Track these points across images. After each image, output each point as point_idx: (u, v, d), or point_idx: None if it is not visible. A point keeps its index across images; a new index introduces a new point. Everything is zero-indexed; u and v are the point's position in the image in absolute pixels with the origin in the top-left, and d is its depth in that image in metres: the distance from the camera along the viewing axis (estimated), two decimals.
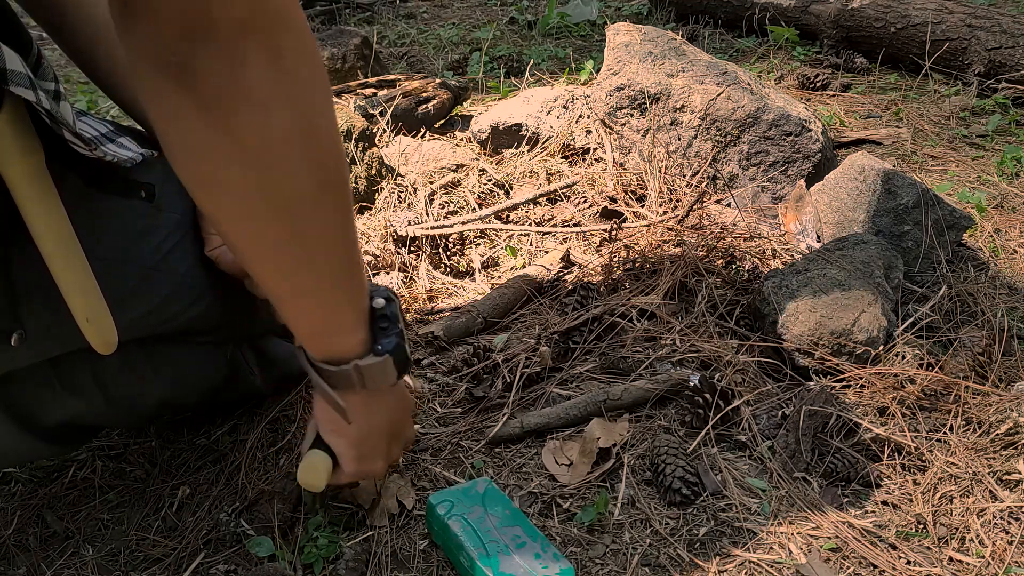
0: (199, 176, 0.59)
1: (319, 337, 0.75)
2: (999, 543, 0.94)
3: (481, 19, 3.80)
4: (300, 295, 0.69)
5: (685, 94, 1.82)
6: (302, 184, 0.60)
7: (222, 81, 0.53)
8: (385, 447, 0.88)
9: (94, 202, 0.80)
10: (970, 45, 2.48)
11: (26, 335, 0.77)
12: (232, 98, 0.54)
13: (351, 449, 0.86)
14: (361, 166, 1.76)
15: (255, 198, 0.59)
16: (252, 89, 0.54)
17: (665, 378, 1.19)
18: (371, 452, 0.87)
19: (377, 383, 0.78)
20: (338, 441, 0.86)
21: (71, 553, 1.00)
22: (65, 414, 0.93)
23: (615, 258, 1.53)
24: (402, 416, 0.91)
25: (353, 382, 0.76)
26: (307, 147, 0.59)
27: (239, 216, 0.61)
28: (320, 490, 0.89)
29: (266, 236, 0.62)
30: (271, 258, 0.65)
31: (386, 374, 0.78)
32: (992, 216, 1.73)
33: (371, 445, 0.87)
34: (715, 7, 3.33)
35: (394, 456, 0.92)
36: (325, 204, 0.63)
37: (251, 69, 0.53)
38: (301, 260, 0.65)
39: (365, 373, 0.76)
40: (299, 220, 0.62)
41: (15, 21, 0.69)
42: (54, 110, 0.67)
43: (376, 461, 0.89)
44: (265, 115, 0.55)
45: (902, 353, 1.19)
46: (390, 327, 0.77)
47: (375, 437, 0.86)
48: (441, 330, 1.36)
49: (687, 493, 1.00)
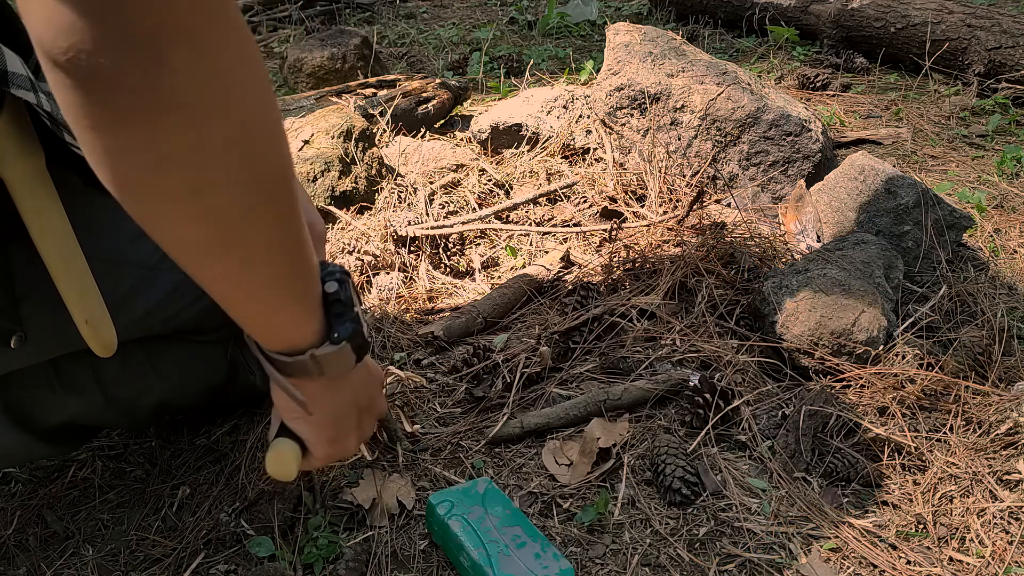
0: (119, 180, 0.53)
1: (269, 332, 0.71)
2: (999, 543, 0.94)
3: (481, 19, 3.80)
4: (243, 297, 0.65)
5: (685, 94, 1.82)
6: (235, 191, 0.55)
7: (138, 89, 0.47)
8: (355, 424, 0.85)
9: (94, 202, 0.79)
10: (970, 45, 2.48)
11: (26, 337, 0.77)
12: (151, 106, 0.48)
13: (319, 433, 0.82)
14: (361, 166, 1.76)
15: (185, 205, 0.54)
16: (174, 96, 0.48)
17: (665, 378, 1.19)
18: (340, 433, 0.83)
19: (336, 370, 0.74)
20: (304, 428, 0.82)
21: (71, 553, 1.00)
22: (65, 414, 0.93)
23: (615, 258, 1.53)
24: (369, 391, 0.87)
25: (311, 371, 0.73)
26: (242, 156, 0.54)
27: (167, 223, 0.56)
28: (291, 479, 0.84)
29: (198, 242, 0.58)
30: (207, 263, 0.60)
31: (344, 360, 0.74)
32: (992, 216, 1.73)
33: (338, 427, 0.83)
34: (715, 7, 3.33)
35: (366, 431, 0.88)
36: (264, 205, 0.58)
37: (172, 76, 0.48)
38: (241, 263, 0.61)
39: (323, 362, 0.72)
40: (234, 227, 0.57)
41: (15, 22, 0.69)
42: (55, 112, 0.67)
43: (348, 440, 0.85)
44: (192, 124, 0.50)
45: (902, 353, 1.19)
46: (345, 312, 0.73)
47: (341, 418, 0.83)
48: (441, 330, 1.36)
49: (687, 493, 1.00)
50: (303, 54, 2.63)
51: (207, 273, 0.61)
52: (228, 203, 0.55)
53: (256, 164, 0.56)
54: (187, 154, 0.51)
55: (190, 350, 0.99)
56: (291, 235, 0.63)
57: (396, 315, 1.45)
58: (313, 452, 0.83)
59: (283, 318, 0.69)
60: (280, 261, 0.63)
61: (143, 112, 0.48)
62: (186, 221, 0.56)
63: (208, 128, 0.51)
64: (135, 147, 0.50)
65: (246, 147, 0.54)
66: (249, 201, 0.57)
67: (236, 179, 0.55)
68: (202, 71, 0.49)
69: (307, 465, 0.85)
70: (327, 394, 0.78)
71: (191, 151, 0.51)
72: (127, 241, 0.84)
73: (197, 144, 0.51)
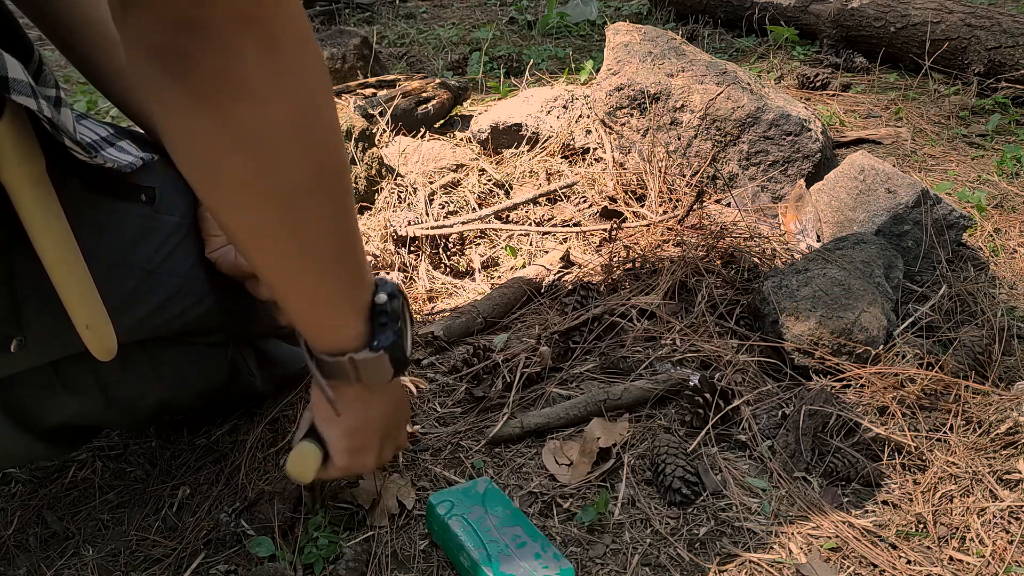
0: (197, 163, 0.59)
1: (316, 327, 0.75)
2: (999, 542, 0.94)
3: (481, 19, 3.80)
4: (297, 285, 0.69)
5: (685, 94, 1.82)
6: (301, 173, 0.60)
7: (218, 72, 0.53)
8: (377, 444, 0.88)
9: (95, 206, 0.80)
10: (970, 45, 2.48)
11: (26, 341, 0.77)
12: (229, 89, 0.54)
13: (343, 440, 0.85)
14: (361, 166, 1.76)
15: (253, 186, 0.59)
16: (248, 80, 0.54)
17: (665, 378, 1.19)
18: (363, 446, 0.87)
19: (372, 378, 0.77)
20: (331, 431, 0.85)
21: (71, 553, 1.00)
22: (65, 415, 0.93)
23: (615, 258, 1.53)
24: (397, 416, 0.90)
25: (348, 374, 0.76)
26: (305, 137, 0.59)
27: (237, 204, 0.61)
28: (307, 482, 0.88)
29: (264, 224, 0.63)
30: (269, 246, 0.65)
31: (381, 370, 0.77)
32: (992, 216, 1.73)
33: (363, 439, 0.86)
34: (715, 7, 3.33)
35: (385, 456, 0.92)
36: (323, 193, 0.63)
37: (247, 60, 0.53)
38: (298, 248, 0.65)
39: (360, 367, 0.76)
40: (297, 208, 0.62)
41: (16, 27, 0.69)
42: (55, 118, 0.67)
43: (367, 456, 0.88)
44: (262, 105, 0.55)
45: (902, 353, 1.20)
46: (389, 324, 0.76)
47: (368, 431, 0.86)
48: (441, 330, 1.36)
49: (687, 493, 1.00)
50: None
51: (269, 258, 0.66)
52: (292, 185, 0.61)
53: (316, 149, 0.61)
54: (257, 136, 0.56)
55: (190, 352, 0.99)
56: (346, 225, 0.68)
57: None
58: (333, 458, 0.87)
59: (330, 311, 0.73)
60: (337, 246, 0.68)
61: (221, 96, 0.54)
62: (253, 203, 0.61)
63: (275, 112, 0.56)
64: (212, 130, 0.55)
65: (308, 131, 0.59)
66: (310, 185, 0.62)
67: (299, 162, 0.60)
68: (269, 58, 0.54)
69: (324, 473, 0.89)
70: (359, 404, 0.82)
71: (260, 133, 0.56)
72: (128, 245, 0.84)
73: (266, 127, 0.56)
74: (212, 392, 1.06)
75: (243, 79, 0.54)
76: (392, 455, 0.94)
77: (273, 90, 0.55)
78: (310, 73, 0.58)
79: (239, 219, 0.63)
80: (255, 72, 0.54)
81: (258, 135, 0.57)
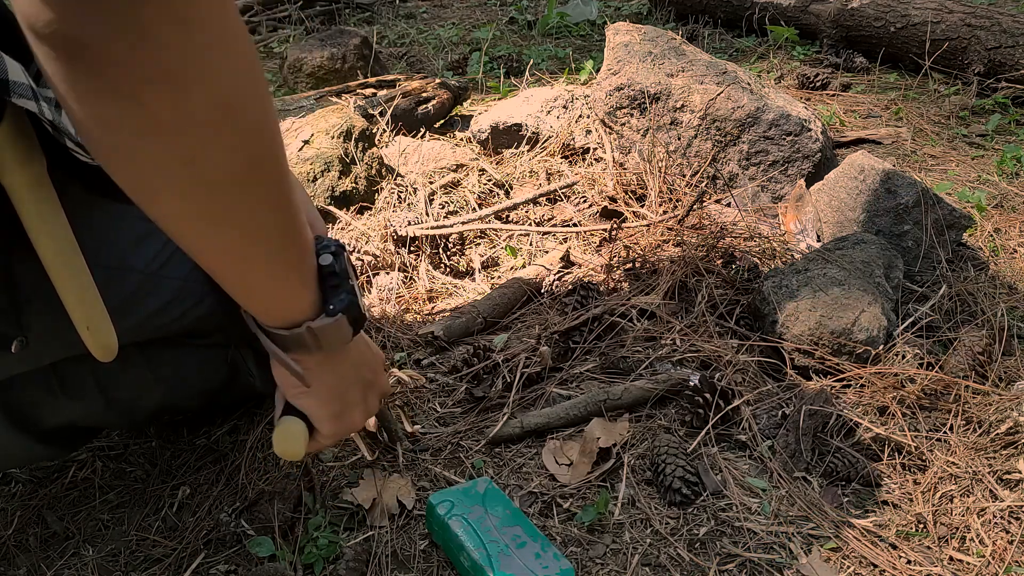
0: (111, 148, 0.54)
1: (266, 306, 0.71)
2: (999, 542, 0.94)
3: (481, 19, 3.80)
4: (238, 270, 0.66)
5: (685, 94, 1.82)
6: (226, 160, 0.56)
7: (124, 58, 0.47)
8: (359, 399, 0.85)
9: (95, 209, 0.80)
10: (970, 44, 2.48)
11: (27, 342, 0.77)
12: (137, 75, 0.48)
13: (323, 408, 0.82)
14: (361, 166, 1.76)
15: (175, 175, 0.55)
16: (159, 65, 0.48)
17: (665, 378, 1.19)
18: (343, 407, 0.83)
19: (333, 343, 0.74)
20: (308, 403, 0.82)
21: (71, 553, 1.00)
22: (65, 416, 0.93)
23: (615, 258, 1.53)
24: (372, 366, 0.87)
25: (308, 344, 0.73)
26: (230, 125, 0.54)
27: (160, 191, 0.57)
28: (300, 458, 0.84)
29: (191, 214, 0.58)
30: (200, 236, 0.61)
31: (341, 333, 0.74)
32: (992, 215, 1.73)
33: (341, 401, 0.83)
34: (715, 7, 3.33)
35: (372, 407, 0.88)
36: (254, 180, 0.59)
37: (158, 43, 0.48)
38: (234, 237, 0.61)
39: (319, 334, 0.73)
40: (226, 197, 0.58)
41: (16, 29, 0.69)
42: (56, 120, 0.67)
43: (353, 414, 0.85)
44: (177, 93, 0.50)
45: (902, 353, 1.19)
46: (341, 284, 0.73)
47: (344, 392, 0.83)
48: (441, 330, 1.36)
49: (687, 493, 1.00)
50: (303, 54, 2.63)
51: (201, 246, 0.62)
52: (219, 173, 0.56)
53: (245, 135, 0.56)
54: (174, 123, 0.51)
55: (190, 353, 0.99)
56: (283, 206, 0.63)
57: (396, 315, 1.45)
58: (319, 429, 0.83)
59: (279, 291, 0.70)
60: (273, 232, 0.64)
61: (128, 82, 0.48)
62: (178, 192, 0.56)
63: (193, 97, 0.51)
64: (122, 116, 0.50)
65: (233, 117, 0.54)
66: (240, 172, 0.57)
67: (225, 149, 0.55)
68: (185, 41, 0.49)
69: (315, 446, 0.85)
70: (327, 368, 0.78)
71: (178, 120, 0.51)
72: (129, 247, 0.84)
73: (183, 113, 0.51)
74: (212, 393, 1.06)
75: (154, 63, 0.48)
76: (378, 404, 0.90)
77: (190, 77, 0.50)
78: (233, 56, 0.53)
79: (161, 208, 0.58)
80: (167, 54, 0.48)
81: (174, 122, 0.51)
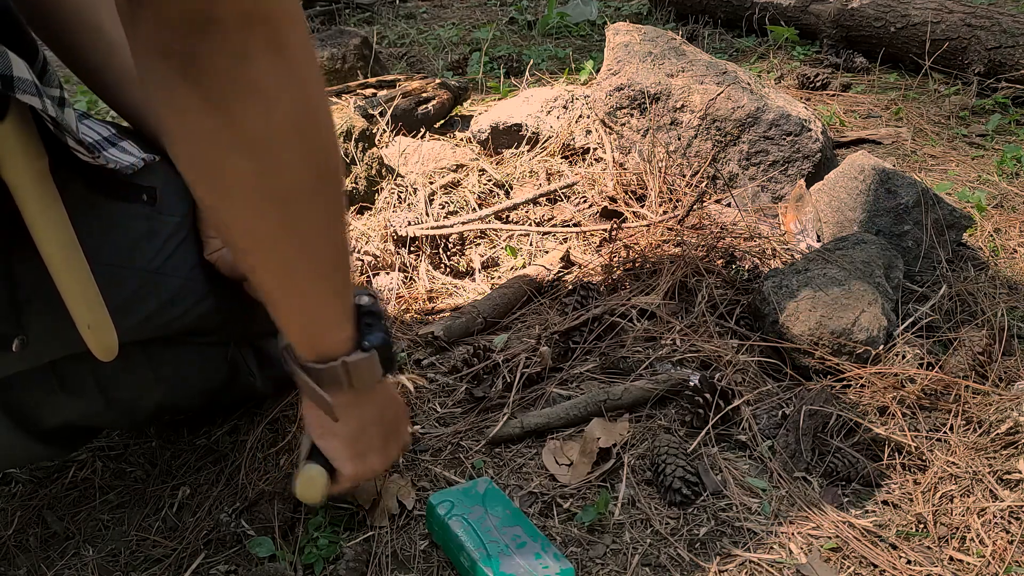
0: (201, 164, 0.60)
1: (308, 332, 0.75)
2: (999, 542, 0.94)
3: (481, 19, 3.80)
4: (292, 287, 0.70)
5: (685, 94, 1.82)
6: (300, 174, 0.61)
7: (226, 72, 0.54)
8: (381, 444, 0.88)
9: (97, 207, 0.80)
10: (970, 44, 2.48)
11: (27, 341, 0.77)
12: (236, 89, 0.55)
13: (346, 449, 0.86)
14: (361, 166, 1.76)
15: (253, 186, 0.60)
16: (255, 81, 0.55)
17: (665, 378, 1.19)
18: (367, 450, 0.87)
19: (364, 380, 0.78)
20: (331, 443, 0.86)
21: (72, 554, 1.00)
22: (65, 416, 0.93)
23: (615, 258, 1.53)
24: (395, 414, 0.90)
25: (341, 380, 0.77)
26: (306, 138, 0.60)
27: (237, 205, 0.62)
28: (318, 502, 0.89)
29: (262, 225, 0.63)
30: (266, 248, 0.66)
31: (372, 371, 0.78)
32: (992, 215, 1.73)
33: (365, 443, 0.86)
34: (715, 7, 3.33)
35: (392, 456, 0.92)
36: (321, 195, 0.64)
37: (255, 61, 0.54)
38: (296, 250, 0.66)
39: (352, 370, 0.76)
40: (295, 210, 0.63)
41: (20, 26, 0.69)
42: (59, 117, 0.67)
43: (373, 459, 0.88)
44: (267, 106, 0.56)
45: (902, 353, 1.19)
46: (375, 323, 0.78)
47: (369, 434, 0.86)
48: (441, 330, 1.36)
49: (687, 493, 1.00)
50: None
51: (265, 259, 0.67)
52: (291, 186, 0.61)
53: (317, 149, 0.62)
54: (261, 137, 0.57)
55: (191, 352, 0.99)
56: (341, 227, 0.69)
57: (396, 315, 1.45)
58: (340, 470, 0.87)
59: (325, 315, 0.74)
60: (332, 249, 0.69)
61: (228, 95, 0.55)
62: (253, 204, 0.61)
63: (280, 112, 0.57)
64: (216, 129, 0.56)
65: (310, 132, 0.60)
66: (310, 186, 0.63)
67: (299, 162, 0.61)
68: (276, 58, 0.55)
69: (336, 488, 0.89)
70: (354, 409, 0.82)
71: (265, 134, 0.57)
72: (130, 246, 0.84)
73: (270, 128, 0.57)
74: (212, 392, 1.06)
75: (251, 79, 0.55)
76: (399, 453, 0.94)
77: (278, 91, 0.56)
78: (312, 74, 0.59)
79: (238, 220, 0.63)
80: (262, 72, 0.55)
81: (261, 135, 0.57)
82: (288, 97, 0.57)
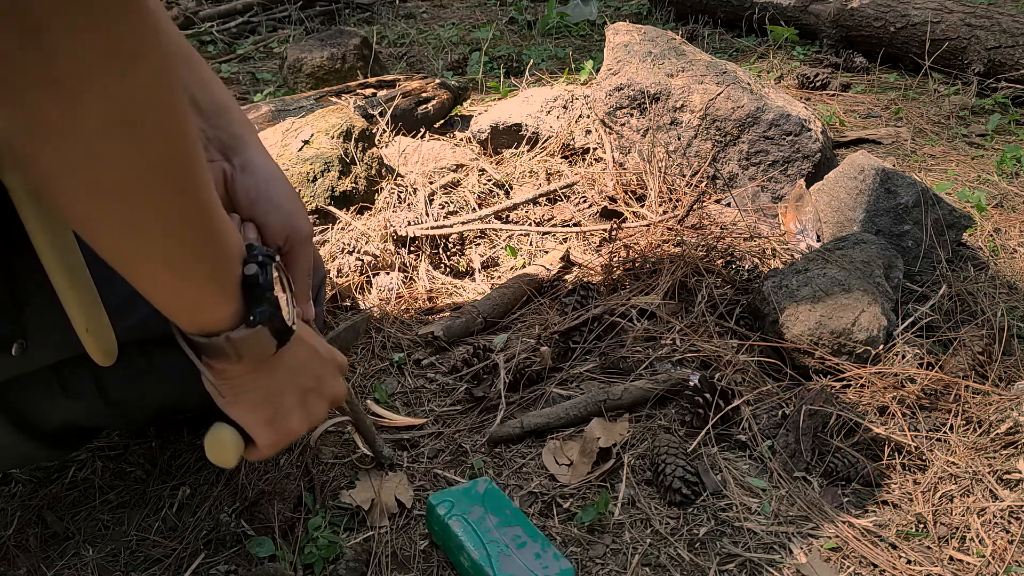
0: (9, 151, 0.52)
1: (179, 312, 0.69)
2: (999, 542, 0.94)
3: (481, 19, 3.80)
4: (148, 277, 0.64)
5: (685, 94, 1.82)
6: (127, 171, 0.54)
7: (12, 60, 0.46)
8: (296, 405, 0.82)
9: None
10: (970, 44, 2.48)
11: (27, 344, 0.77)
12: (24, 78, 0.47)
13: (253, 415, 0.80)
14: (361, 166, 1.76)
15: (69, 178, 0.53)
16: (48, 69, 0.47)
17: (665, 378, 1.19)
18: (278, 415, 0.81)
19: (255, 354, 0.73)
20: (235, 411, 0.79)
21: (72, 554, 1.00)
22: (65, 417, 0.93)
23: (615, 258, 1.53)
24: (316, 372, 0.84)
25: (227, 353, 0.71)
26: (128, 135, 0.53)
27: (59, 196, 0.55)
28: (232, 465, 0.82)
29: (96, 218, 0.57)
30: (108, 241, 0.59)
31: (262, 344, 0.73)
32: (992, 215, 1.73)
33: (274, 407, 0.80)
34: (715, 7, 3.33)
35: (316, 413, 0.85)
36: (160, 190, 0.57)
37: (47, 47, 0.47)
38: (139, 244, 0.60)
39: (239, 345, 0.71)
40: (129, 205, 0.57)
41: None
42: None
43: (290, 421, 0.82)
44: (66, 99, 0.49)
45: (902, 352, 1.19)
46: (263, 296, 0.71)
47: (279, 399, 0.80)
48: (441, 330, 1.35)
49: (687, 493, 1.00)
50: (303, 54, 2.63)
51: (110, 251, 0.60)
52: (118, 180, 0.55)
53: (146, 143, 0.54)
54: (63, 128, 0.50)
55: None
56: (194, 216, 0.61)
57: (396, 315, 1.45)
58: (254, 437, 0.81)
59: (194, 299, 0.68)
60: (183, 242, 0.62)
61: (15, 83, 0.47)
62: (75, 195, 0.55)
63: (84, 104, 0.49)
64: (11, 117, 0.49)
65: (132, 126, 0.53)
66: (142, 179, 0.56)
67: (123, 156, 0.53)
68: (77, 45, 0.47)
69: (256, 454, 0.83)
70: (255, 377, 0.76)
71: (67, 125, 0.50)
72: None
73: (73, 119, 0.50)
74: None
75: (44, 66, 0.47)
76: (325, 410, 0.87)
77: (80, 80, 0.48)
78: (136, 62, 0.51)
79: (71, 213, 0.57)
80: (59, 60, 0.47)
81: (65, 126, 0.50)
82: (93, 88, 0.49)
